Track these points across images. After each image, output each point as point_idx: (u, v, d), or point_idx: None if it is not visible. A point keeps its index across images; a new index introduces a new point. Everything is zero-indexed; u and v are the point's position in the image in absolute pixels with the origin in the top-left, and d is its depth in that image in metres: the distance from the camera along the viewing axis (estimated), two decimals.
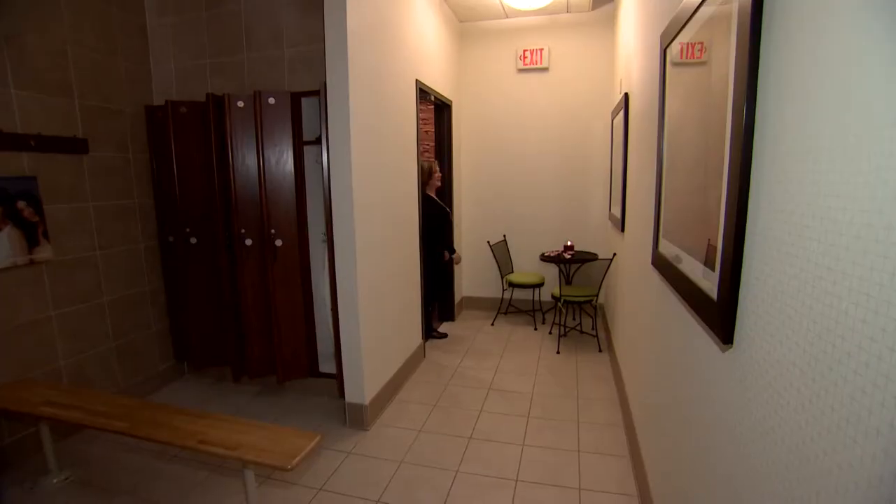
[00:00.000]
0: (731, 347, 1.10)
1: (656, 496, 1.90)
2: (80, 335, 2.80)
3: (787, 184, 0.83)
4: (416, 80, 3.55)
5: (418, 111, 3.61)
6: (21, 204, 2.47)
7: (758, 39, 0.95)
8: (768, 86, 0.92)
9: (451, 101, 4.56)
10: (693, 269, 1.39)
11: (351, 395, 2.81)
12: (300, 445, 1.81)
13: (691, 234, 1.49)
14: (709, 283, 1.23)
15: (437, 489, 2.28)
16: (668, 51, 1.83)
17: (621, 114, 3.40)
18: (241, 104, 2.90)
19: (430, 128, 5.12)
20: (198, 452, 1.90)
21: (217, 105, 2.94)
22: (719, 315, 1.13)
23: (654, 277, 2.03)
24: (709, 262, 1.27)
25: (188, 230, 3.17)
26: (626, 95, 3.25)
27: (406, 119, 3.39)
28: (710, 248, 1.27)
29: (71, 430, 2.72)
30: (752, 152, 0.98)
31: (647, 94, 2.43)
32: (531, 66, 4.71)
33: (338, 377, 2.93)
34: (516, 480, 2.33)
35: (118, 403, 2.17)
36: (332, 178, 2.63)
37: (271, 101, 2.89)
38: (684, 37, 1.58)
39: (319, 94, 2.75)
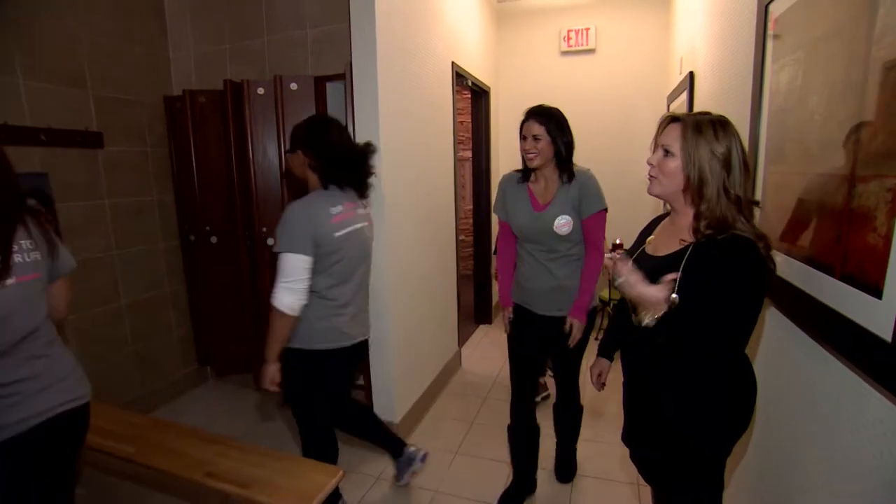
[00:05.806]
0: None
1: None
2: (96, 340, 2.63)
3: None
4: (453, 63, 3.23)
5: (454, 97, 3.29)
6: (31, 202, 2.30)
7: None
8: None
9: (489, 88, 4.21)
10: (826, 289, 1.04)
11: (380, 411, 2.54)
12: (319, 483, 1.55)
13: (818, 239, 1.13)
14: (870, 315, 0.87)
15: None
16: (772, 7, 1.45)
17: (684, 95, 2.98)
18: (261, 91, 2.66)
19: (466, 117, 4.80)
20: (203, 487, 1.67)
21: (235, 93, 2.70)
22: None
23: None
24: (858, 282, 0.92)
25: (208, 229, 2.97)
26: (691, 75, 2.83)
27: (442, 105, 3.08)
28: (859, 262, 0.92)
29: None
30: None
31: (726, 69, 2.03)
32: (576, 47, 4.30)
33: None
34: None
35: (127, 421, 1.96)
36: None
37: (293, 86, 2.63)
38: None
39: (345, 77, 2.47)
